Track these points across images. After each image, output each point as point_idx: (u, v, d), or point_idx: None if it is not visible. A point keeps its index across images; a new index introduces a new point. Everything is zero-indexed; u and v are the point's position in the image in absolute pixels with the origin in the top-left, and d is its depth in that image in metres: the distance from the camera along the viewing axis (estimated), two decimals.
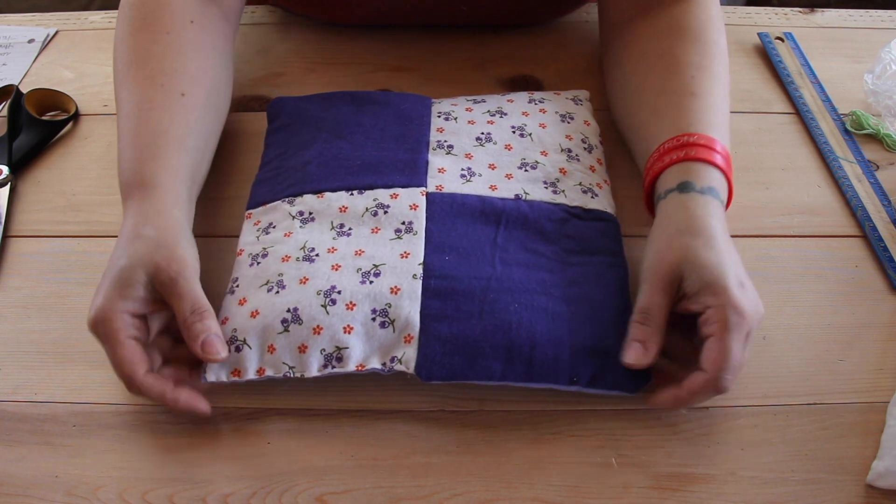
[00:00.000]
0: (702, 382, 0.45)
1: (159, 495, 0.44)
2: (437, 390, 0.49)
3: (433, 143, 0.59)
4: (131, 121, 0.54)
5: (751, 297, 0.46)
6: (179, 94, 0.55)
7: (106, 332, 0.45)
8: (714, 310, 0.45)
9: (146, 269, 0.46)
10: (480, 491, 0.44)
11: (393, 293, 0.48)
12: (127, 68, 0.56)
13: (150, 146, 0.52)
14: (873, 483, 0.44)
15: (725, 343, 0.44)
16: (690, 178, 0.50)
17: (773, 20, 0.81)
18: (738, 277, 0.46)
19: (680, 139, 0.52)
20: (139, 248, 0.47)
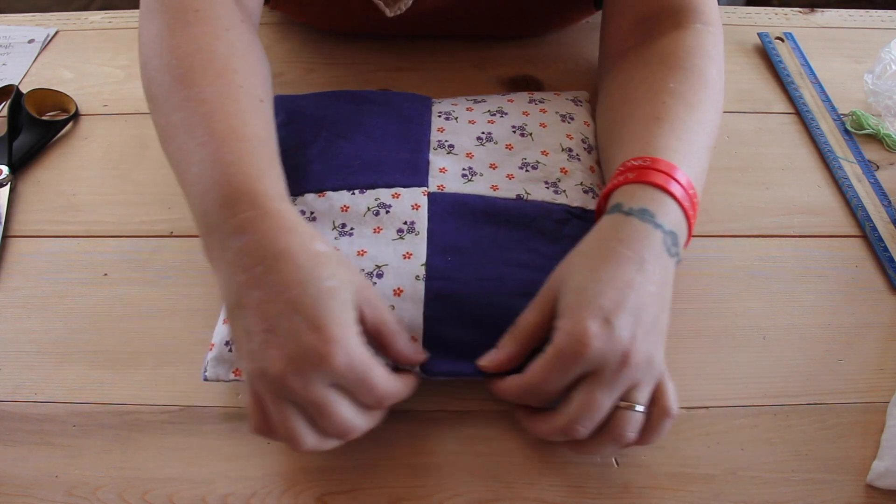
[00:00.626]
0: (515, 385, 0.43)
1: (159, 495, 0.44)
2: (437, 390, 0.49)
3: (434, 143, 0.59)
4: (218, 121, 0.45)
5: (612, 337, 0.39)
6: (259, 99, 0.49)
7: (352, 363, 0.38)
8: (557, 333, 0.41)
9: (352, 289, 0.41)
10: (480, 491, 0.44)
11: (396, 295, 0.48)
12: (188, 62, 0.47)
13: (254, 153, 0.44)
14: (873, 483, 0.44)
15: (543, 363, 0.41)
16: (621, 200, 0.45)
17: (773, 20, 0.81)
18: (607, 312, 0.40)
19: (627, 164, 0.47)
20: (335, 267, 0.41)
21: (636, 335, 0.40)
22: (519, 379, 0.42)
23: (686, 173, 0.46)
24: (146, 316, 0.53)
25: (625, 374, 0.40)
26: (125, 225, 0.59)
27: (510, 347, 0.44)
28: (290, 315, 0.38)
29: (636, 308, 0.41)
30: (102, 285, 0.55)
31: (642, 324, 0.41)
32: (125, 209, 0.60)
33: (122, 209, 0.60)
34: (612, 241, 0.43)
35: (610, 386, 0.40)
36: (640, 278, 0.41)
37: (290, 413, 0.39)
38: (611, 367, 0.40)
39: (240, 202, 0.41)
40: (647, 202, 0.44)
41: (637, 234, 0.43)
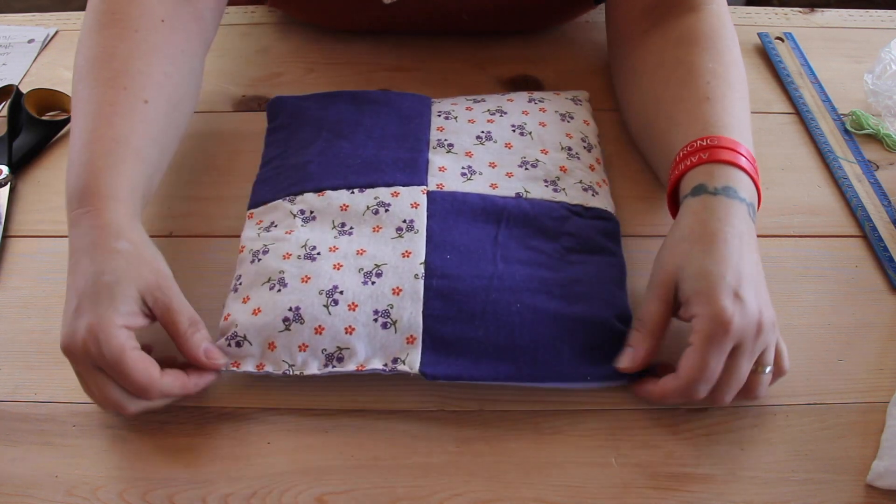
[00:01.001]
0: (672, 387, 0.45)
1: (159, 495, 0.44)
2: (437, 390, 0.49)
3: (433, 142, 0.59)
4: (90, 123, 0.51)
5: (746, 310, 0.44)
6: (143, 100, 0.52)
7: (108, 350, 0.43)
8: (698, 319, 0.44)
9: (136, 284, 0.45)
10: (480, 491, 0.44)
11: (395, 294, 0.48)
12: (90, 65, 0.53)
13: (108, 154, 0.50)
14: (873, 483, 0.44)
15: (699, 354, 0.44)
16: (703, 181, 0.49)
17: (773, 20, 0.81)
18: (734, 287, 0.44)
19: (694, 144, 0.51)
20: (121, 263, 0.46)
21: (760, 303, 0.45)
22: (675, 379, 0.45)
23: (746, 146, 0.51)
24: None
25: (760, 341, 0.45)
26: None
27: (647, 342, 0.47)
28: (76, 303, 0.45)
29: (752, 278, 0.45)
30: None
31: (761, 291, 0.46)
32: None
33: None
34: (711, 221, 0.47)
35: (750, 354, 0.45)
36: (745, 250, 0.46)
37: (88, 379, 0.45)
38: (749, 337, 0.44)
39: (79, 198, 0.49)
40: (727, 180, 0.48)
41: (730, 210, 0.47)
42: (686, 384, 0.44)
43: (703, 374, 0.44)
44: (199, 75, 0.61)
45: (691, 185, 0.49)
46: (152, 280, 0.46)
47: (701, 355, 0.44)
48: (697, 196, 0.48)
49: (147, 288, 0.46)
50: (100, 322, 0.43)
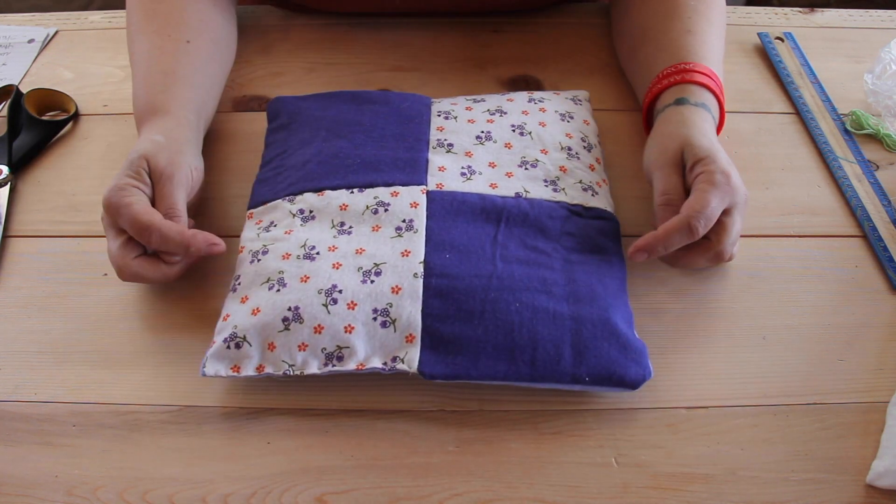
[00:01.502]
0: (674, 222, 0.50)
1: (159, 495, 0.44)
2: (437, 390, 0.49)
3: (433, 142, 0.59)
4: (142, 65, 0.62)
5: (737, 175, 0.52)
6: (185, 41, 0.63)
7: (119, 200, 0.50)
8: (704, 174, 0.51)
9: (149, 160, 0.53)
10: (480, 491, 0.44)
11: (394, 293, 0.48)
12: (138, 23, 0.64)
13: (160, 83, 0.60)
14: (873, 483, 0.44)
15: (704, 193, 0.50)
16: (685, 95, 0.58)
17: (773, 20, 0.81)
18: (727, 160, 0.53)
19: (677, 66, 0.60)
20: (147, 145, 0.54)
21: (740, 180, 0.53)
22: (678, 216, 0.51)
23: (717, 73, 0.61)
24: (146, 316, 0.53)
25: (740, 201, 0.52)
26: None
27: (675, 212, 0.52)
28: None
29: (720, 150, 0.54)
30: (102, 285, 0.55)
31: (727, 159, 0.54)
32: None
33: None
34: (697, 120, 0.56)
35: (740, 215, 0.53)
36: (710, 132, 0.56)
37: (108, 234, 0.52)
38: (742, 199, 0.52)
39: (139, 121, 0.59)
40: (703, 98, 0.58)
41: (706, 119, 0.57)
42: (687, 218, 0.50)
43: (705, 208, 0.50)
44: (234, 21, 0.72)
45: (674, 97, 0.58)
46: (162, 162, 0.53)
47: (704, 194, 0.50)
48: (682, 105, 0.58)
49: (155, 165, 0.53)
50: (116, 183, 0.52)
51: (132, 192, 0.51)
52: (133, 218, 0.50)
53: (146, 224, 0.50)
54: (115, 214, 0.50)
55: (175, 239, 0.50)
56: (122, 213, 0.50)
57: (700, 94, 0.58)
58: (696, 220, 0.50)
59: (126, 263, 0.51)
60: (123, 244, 0.51)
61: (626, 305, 0.51)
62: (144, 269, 0.51)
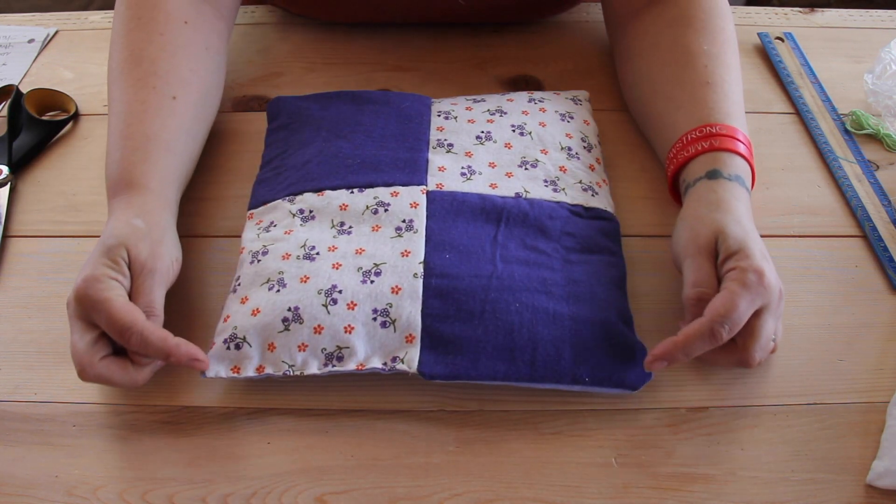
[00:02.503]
0: (696, 326, 0.45)
1: (159, 495, 0.44)
2: (437, 390, 0.49)
3: (433, 142, 0.59)
4: (122, 121, 0.55)
5: (774, 275, 0.47)
6: (171, 97, 0.56)
7: (96, 294, 0.45)
8: (735, 271, 0.46)
9: (129, 249, 0.48)
10: (480, 491, 0.44)
11: (394, 293, 0.48)
12: (121, 68, 0.57)
13: (139, 149, 0.53)
14: (873, 483, 0.44)
15: (732, 295, 0.45)
16: (718, 167, 0.53)
17: (773, 20, 0.81)
18: (763, 252, 0.48)
19: (703, 130, 0.54)
20: (128, 231, 0.49)
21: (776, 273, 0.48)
22: (700, 320, 0.46)
23: (743, 132, 0.55)
24: None
25: (781, 308, 0.48)
26: None
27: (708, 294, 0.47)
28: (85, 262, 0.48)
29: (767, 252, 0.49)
30: None
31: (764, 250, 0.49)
32: None
33: None
34: (731, 200, 0.51)
35: (775, 316, 0.47)
36: (755, 229, 0.51)
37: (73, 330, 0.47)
38: (775, 298, 0.47)
39: (115, 189, 0.53)
40: (737, 169, 0.53)
41: (740, 195, 0.52)
42: (711, 322, 0.45)
43: (731, 313, 0.45)
44: (223, 69, 0.64)
45: (705, 169, 0.53)
46: (143, 254, 0.48)
47: (732, 296, 0.45)
48: (714, 180, 0.52)
49: (135, 257, 0.48)
50: (91, 273, 0.46)
51: (110, 286, 0.46)
52: (112, 316, 0.44)
53: (128, 324, 0.44)
54: (90, 309, 0.45)
55: (156, 345, 0.45)
56: (100, 308, 0.45)
57: (732, 163, 0.53)
58: (719, 325, 0.45)
59: (91, 363, 0.45)
60: (93, 341, 0.46)
61: (626, 306, 0.51)
62: (111, 372, 0.46)
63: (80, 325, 0.46)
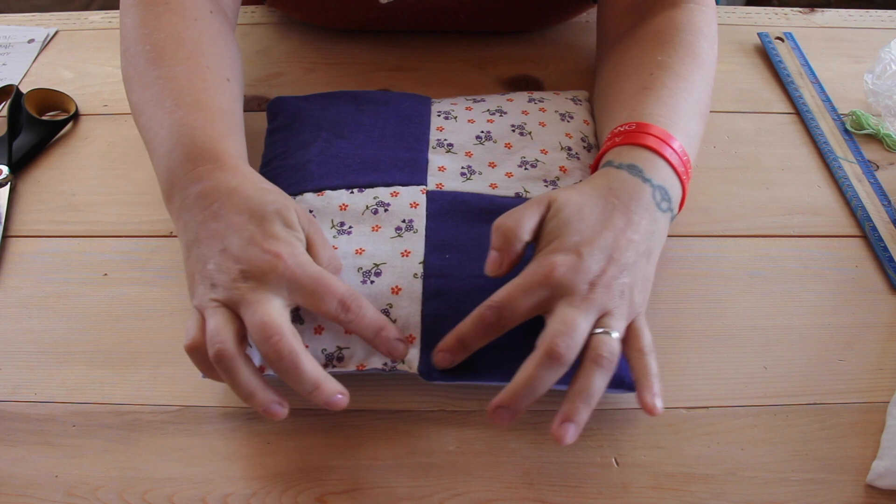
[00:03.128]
0: (473, 312, 0.44)
1: (159, 495, 0.44)
2: (437, 390, 0.49)
3: (433, 142, 0.59)
4: (187, 95, 0.50)
5: (579, 265, 0.42)
6: (226, 78, 0.54)
7: (306, 272, 0.42)
8: (531, 263, 0.44)
9: (296, 209, 0.46)
10: (480, 491, 0.44)
11: (394, 293, 0.48)
12: (162, 47, 0.53)
13: (219, 121, 0.50)
14: (873, 483, 0.44)
15: (510, 284, 0.43)
16: (612, 158, 0.49)
17: (773, 20, 0.81)
18: (577, 244, 0.43)
19: (614, 130, 0.51)
20: (273, 194, 0.46)
21: (606, 270, 0.43)
22: (480, 305, 0.43)
23: (675, 136, 0.49)
24: (146, 316, 0.53)
25: (593, 300, 0.42)
26: (125, 225, 0.59)
27: (515, 252, 0.45)
28: (242, 233, 0.43)
29: (611, 248, 0.44)
30: (102, 285, 0.55)
31: (616, 263, 0.43)
32: (125, 209, 0.60)
33: (122, 209, 0.60)
34: (602, 188, 0.46)
35: (581, 308, 0.42)
36: (622, 225, 0.45)
37: (225, 325, 0.41)
38: (580, 292, 0.42)
39: (201, 157, 0.47)
40: (635, 160, 0.47)
41: (626, 185, 0.46)
42: (482, 307, 0.43)
43: (500, 297, 0.43)
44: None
45: (602, 163, 0.49)
46: (300, 210, 0.46)
47: (510, 289, 0.43)
48: (602, 169, 0.48)
49: (301, 215, 0.46)
50: (283, 245, 0.43)
51: (311, 260, 0.44)
52: (334, 289, 0.42)
53: (348, 295, 0.43)
54: (298, 285, 0.42)
55: (370, 319, 0.44)
56: (318, 283, 0.42)
57: (631, 154, 0.48)
58: (487, 307, 0.43)
59: (294, 335, 0.42)
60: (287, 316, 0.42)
61: None
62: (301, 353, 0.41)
63: (278, 302, 0.42)
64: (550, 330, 0.42)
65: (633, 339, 0.44)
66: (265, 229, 0.43)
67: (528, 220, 0.45)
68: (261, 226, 0.44)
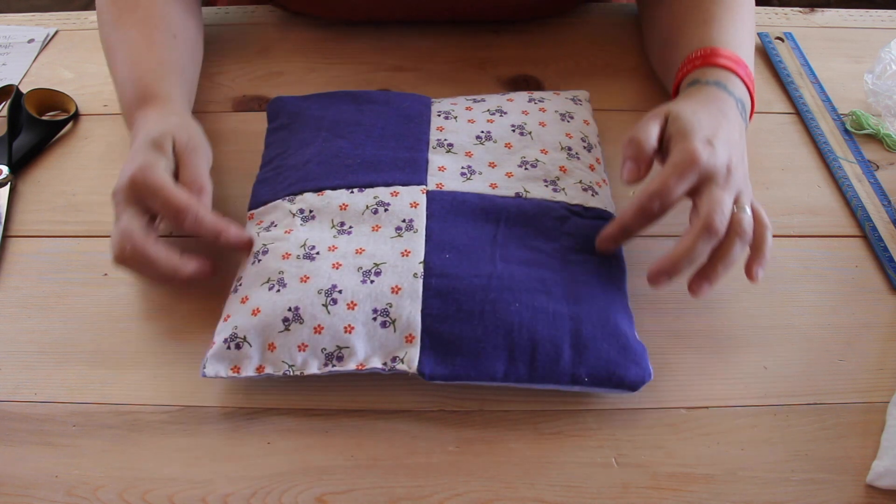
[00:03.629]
0: (628, 207, 0.50)
1: (159, 495, 0.44)
2: (437, 390, 0.49)
3: (433, 142, 0.59)
4: (132, 51, 0.61)
5: (715, 153, 0.49)
6: (172, 35, 0.63)
7: (153, 179, 0.50)
8: (671, 153, 0.50)
9: (173, 136, 0.54)
10: (480, 491, 0.44)
11: (394, 293, 0.48)
12: (119, 13, 0.64)
13: (155, 70, 0.60)
14: (873, 483, 0.44)
15: (660, 174, 0.49)
16: (697, 77, 0.57)
17: (773, 20, 0.81)
18: (708, 136, 0.50)
19: (692, 54, 0.59)
20: (167, 124, 0.55)
21: (732, 156, 0.51)
22: (639, 196, 0.50)
23: (738, 55, 0.58)
24: (146, 316, 0.53)
25: (732, 180, 0.50)
26: None
27: (647, 160, 0.51)
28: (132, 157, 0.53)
29: (728, 140, 0.51)
30: (102, 285, 0.55)
31: (737, 153, 0.52)
32: None
33: None
34: (702, 98, 0.54)
35: (724, 188, 0.49)
36: (726, 124, 0.53)
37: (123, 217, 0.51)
38: (721, 174, 0.49)
39: (138, 103, 0.58)
40: (719, 77, 0.56)
41: (718, 97, 0.55)
42: (639, 198, 0.49)
43: (654, 186, 0.49)
44: (202, 25, 0.71)
45: (687, 82, 0.57)
46: (184, 137, 0.54)
47: (665, 174, 0.49)
48: (693, 85, 0.56)
49: (178, 140, 0.54)
50: (142, 163, 0.51)
51: (164, 172, 0.51)
52: (170, 198, 0.49)
53: (184, 205, 0.50)
54: (146, 193, 0.50)
55: (209, 225, 0.51)
56: (157, 192, 0.50)
57: (714, 73, 0.56)
58: (647, 198, 0.49)
59: (145, 242, 0.49)
60: (146, 224, 0.50)
61: (626, 306, 0.51)
62: (159, 254, 0.49)
63: (132, 210, 0.50)
64: (705, 208, 0.48)
65: (757, 214, 0.50)
66: (136, 153, 0.53)
67: (652, 129, 0.52)
68: (138, 151, 0.53)
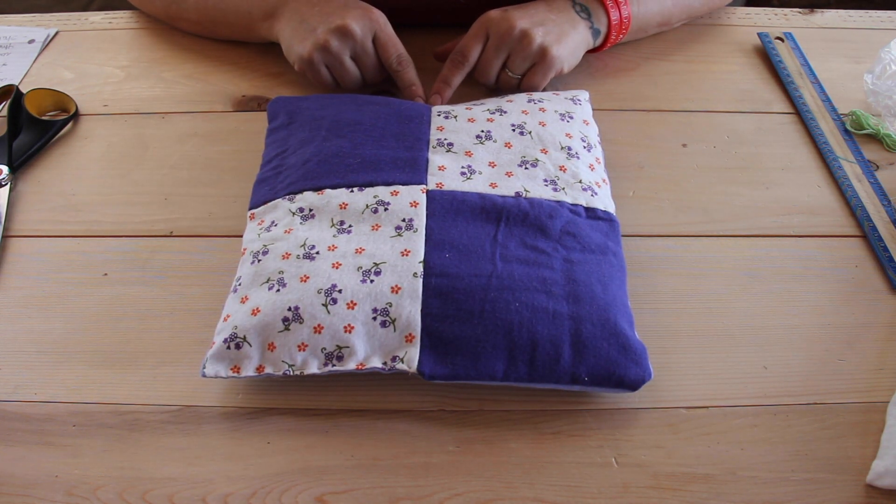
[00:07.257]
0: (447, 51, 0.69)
1: (159, 495, 0.44)
2: (437, 390, 0.49)
3: (433, 142, 0.59)
4: None
5: (504, 16, 0.65)
6: None
7: (377, 19, 0.66)
8: None
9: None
10: (480, 491, 0.44)
11: (394, 292, 0.48)
12: None
13: None
14: (873, 483, 0.44)
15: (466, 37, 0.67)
16: None
17: (773, 20, 0.81)
18: (508, 10, 0.65)
19: None
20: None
21: (532, 22, 0.65)
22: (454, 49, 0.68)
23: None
24: (146, 316, 0.53)
25: (509, 42, 0.65)
26: (125, 225, 0.59)
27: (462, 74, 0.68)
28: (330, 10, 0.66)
29: (534, 14, 0.66)
30: (102, 285, 0.55)
31: (539, 21, 0.66)
32: (125, 209, 0.60)
33: (122, 209, 0.60)
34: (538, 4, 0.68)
35: (498, 47, 0.66)
36: (543, 7, 0.67)
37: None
38: (499, 33, 0.65)
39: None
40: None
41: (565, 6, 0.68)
42: (457, 50, 0.67)
43: (463, 48, 0.67)
44: None
45: None
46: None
47: (468, 36, 0.67)
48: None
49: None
50: (367, 9, 0.66)
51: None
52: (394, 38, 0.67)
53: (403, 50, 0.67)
54: (372, 27, 0.66)
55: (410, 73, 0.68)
56: (385, 28, 0.66)
57: None
58: (459, 51, 0.66)
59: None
60: None
61: (626, 305, 0.51)
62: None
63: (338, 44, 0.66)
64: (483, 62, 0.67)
65: (533, 74, 0.68)
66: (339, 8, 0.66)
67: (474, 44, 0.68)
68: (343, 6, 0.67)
